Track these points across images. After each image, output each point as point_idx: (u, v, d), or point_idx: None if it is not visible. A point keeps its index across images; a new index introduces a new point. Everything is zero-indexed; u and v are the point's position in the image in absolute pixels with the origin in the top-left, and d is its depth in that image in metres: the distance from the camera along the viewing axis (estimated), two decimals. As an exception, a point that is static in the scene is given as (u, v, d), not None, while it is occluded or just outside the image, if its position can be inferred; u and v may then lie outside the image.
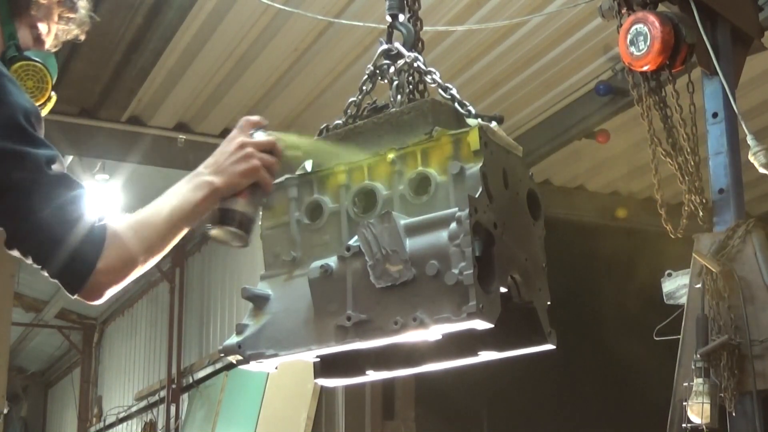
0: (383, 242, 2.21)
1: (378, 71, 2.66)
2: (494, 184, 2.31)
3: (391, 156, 2.37)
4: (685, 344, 4.26)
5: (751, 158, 4.33)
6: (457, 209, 2.20)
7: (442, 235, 2.18)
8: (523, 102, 7.42)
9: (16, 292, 11.18)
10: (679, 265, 4.53)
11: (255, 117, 2.22)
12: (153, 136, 7.75)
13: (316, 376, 2.59)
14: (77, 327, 14.84)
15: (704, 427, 4.00)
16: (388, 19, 2.71)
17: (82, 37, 2.36)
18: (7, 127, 1.89)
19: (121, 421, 13.11)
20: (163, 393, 11.13)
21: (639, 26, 4.21)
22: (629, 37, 4.24)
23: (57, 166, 1.92)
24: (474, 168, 2.26)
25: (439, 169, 2.31)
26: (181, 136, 7.73)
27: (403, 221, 2.25)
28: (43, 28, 2.27)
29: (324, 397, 7.88)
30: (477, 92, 7.07)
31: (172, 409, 10.93)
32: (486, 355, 2.48)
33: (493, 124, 2.40)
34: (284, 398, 8.35)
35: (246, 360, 2.39)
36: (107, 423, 13.57)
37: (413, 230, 2.23)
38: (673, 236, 4.35)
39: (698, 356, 4.07)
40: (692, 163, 4.33)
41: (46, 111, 2.28)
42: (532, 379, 7.76)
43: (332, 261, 2.29)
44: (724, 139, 4.40)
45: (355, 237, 2.28)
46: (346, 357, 2.49)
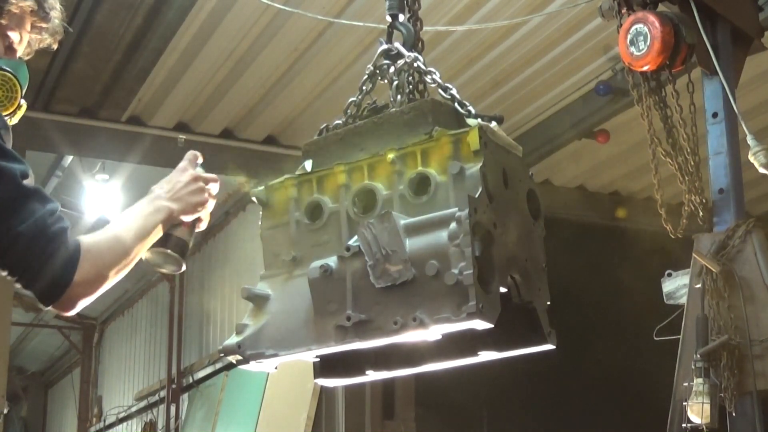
0: (383, 242, 2.22)
1: (378, 71, 2.66)
2: (494, 184, 2.31)
3: (391, 156, 2.37)
4: (685, 344, 4.25)
5: (751, 158, 4.33)
6: (456, 209, 2.20)
7: (442, 235, 2.18)
8: (523, 102, 7.41)
9: (16, 292, 11.14)
10: (679, 265, 4.52)
11: (198, 153, 2.31)
12: (153, 136, 7.75)
13: (316, 376, 2.59)
14: (77, 327, 14.83)
15: (704, 427, 4.00)
16: (388, 19, 2.72)
17: (55, 46, 2.40)
18: None
19: (121, 421, 13.11)
20: (163, 393, 11.13)
21: (639, 26, 4.21)
22: (629, 37, 4.23)
23: (29, 181, 1.98)
24: (474, 168, 2.26)
25: (439, 169, 2.31)
26: (181, 136, 7.73)
27: (403, 221, 2.25)
28: (14, 36, 2.28)
29: (324, 397, 7.88)
30: (477, 92, 7.06)
31: (172, 409, 10.93)
32: (486, 355, 2.48)
33: (493, 124, 2.40)
34: (284, 398, 8.35)
35: (246, 360, 2.40)
36: (107, 423, 13.57)
37: (413, 230, 2.23)
38: (673, 236, 4.34)
39: (698, 356, 4.07)
40: (692, 163, 4.32)
41: (15, 119, 2.30)
42: (532, 379, 7.76)
43: (332, 261, 2.29)
44: (724, 139, 4.40)
45: (355, 237, 2.29)
46: (346, 357, 2.49)
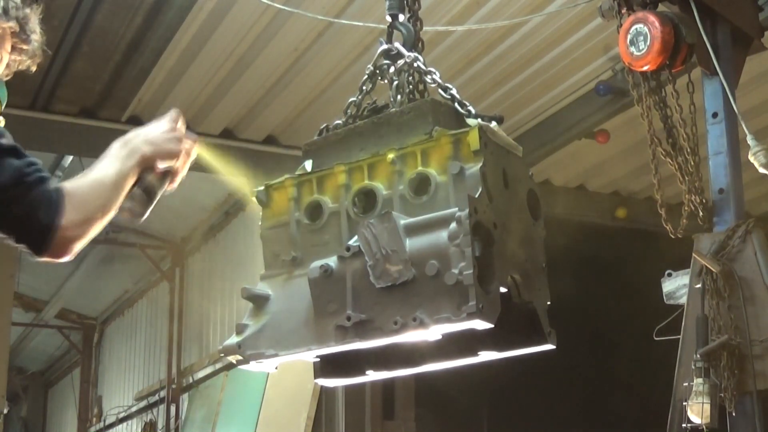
0: (383, 242, 2.21)
1: (378, 71, 2.66)
2: (494, 184, 2.31)
3: (391, 156, 2.37)
4: (685, 344, 4.26)
5: (751, 158, 4.33)
6: (457, 209, 2.20)
7: (442, 235, 2.18)
8: (523, 102, 7.41)
9: (16, 292, 11.17)
10: (679, 265, 4.53)
11: (180, 112, 2.31)
12: (153, 136, 7.74)
13: (316, 376, 2.59)
14: (77, 327, 14.83)
15: (704, 427, 4.00)
16: (388, 19, 2.71)
17: (33, 68, 2.43)
18: None
19: (121, 421, 13.11)
20: (163, 393, 11.13)
21: (639, 26, 4.21)
22: (629, 37, 4.24)
23: (5, 140, 2.01)
24: (474, 168, 2.26)
25: (439, 169, 2.31)
26: (181, 136, 7.72)
27: (403, 221, 2.25)
28: None
29: (324, 397, 7.88)
30: (477, 92, 7.06)
31: (172, 409, 10.93)
32: (486, 355, 2.48)
33: (493, 124, 2.40)
34: (284, 398, 8.35)
35: (246, 360, 2.40)
36: (107, 423, 13.57)
37: (413, 230, 2.23)
38: (673, 236, 4.34)
39: (698, 356, 4.07)
40: (692, 163, 4.33)
41: None
42: (532, 379, 7.75)
43: (332, 261, 2.29)
44: (724, 139, 4.40)
45: (355, 237, 2.28)
46: (346, 357, 2.49)
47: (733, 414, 4.06)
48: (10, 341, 9.53)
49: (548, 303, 2.49)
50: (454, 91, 2.53)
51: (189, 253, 11.09)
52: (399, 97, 2.59)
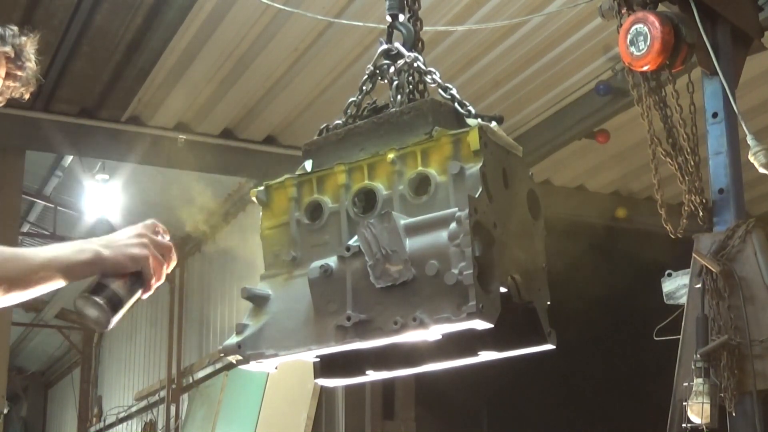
0: (383, 242, 2.21)
1: (378, 71, 2.66)
2: (494, 184, 2.31)
3: (391, 156, 2.37)
4: (685, 344, 4.26)
5: (751, 158, 4.33)
6: (456, 209, 2.20)
7: (442, 235, 2.18)
8: (523, 102, 7.42)
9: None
10: (679, 265, 4.53)
11: (157, 223, 2.18)
12: (153, 136, 7.76)
13: (316, 376, 2.58)
14: (77, 327, 14.81)
15: (704, 427, 4.00)
16: (388, 19, 2.71)
17: (26, 96, 2.39)
18: None
19: (121, 421, 13.11)
20: (163, 393, 11.13)
21: (639, 26, 4.21)
22: (629, 37, 4.24)
23: None
24: (474, 168, 2.25)
25: (439, 169, 2.31)
26: (181, 136, 7.74)
27: (403, 221, 2.25)
28: None
29: (324, 397, 7.88)
30: (477, 92, 7.07)
31: (172, 409, 10.93)
32: (486, 355, 2.48)
33: (493, 124, 2.40)
34: (284, 398, 8.36)
35: (246, 360, 2.39)
36: (107, 423, 13.57)
37: (413, 230, 2.23)
38: (673, 236, 4.34)
39: (698, 356, 4.07)
40: (692, 163, 4.33)
41: None
42: (532, 379, 7.76)
43: (332, 261, 2.29)
44: (724, 139, 4.41)
45: (355, 237, 2.28)
46: (346, 357, 2.49)
47: (733, 414, 4.06)
48: (10, 341, 9.53)
49: (548, 303, 2.49)
50: (454, 91, 2.52)
51: (189, 253, 11.09)
52: (399, 97, 2.58)
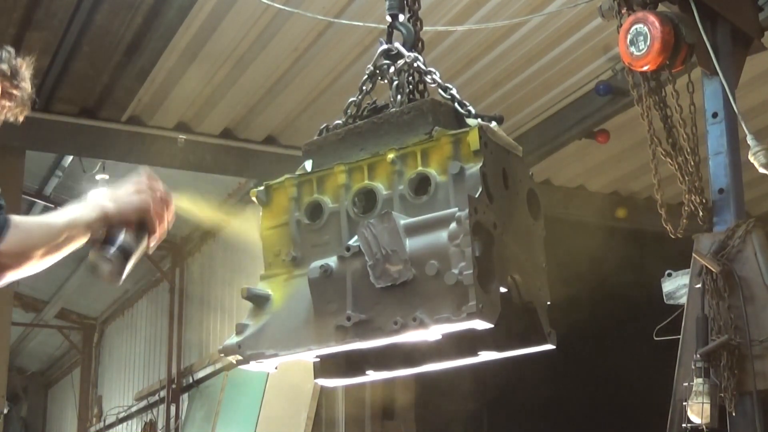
0: (383, 242, 2.21)
1: (378, 71, 2.66)
2: (494, 184, 2.31)
3: (391, 156, 2.37)
4: (685, 344, 4.25)
5: (751, 158, 4.33)
6: (456, 209, 2.20)
7: (442, 235, 2.18)
8: (523, 102, 7.41)
9: (16, 292, 11.18)
10: (679, 265, 4.52)
11: (150, 172, 2.32)
12: (153, 136, 7.75)
13: (316, 376, 2.59)
14: (77, 327, 14.83)
15: (704, 427, 4.00)
16: (388, 19, 2.71)
17: (21, 119, 2.45)
18: None
19: (121, 421, 13.11)
20: (163, 393, 11.13)
21: (639, 26, 4.21)
22: (629, 37, 4.23)
23: None
24: (474, 168, 2.26)
25: (439, 169, 2.31)
26: (181, 136, 7.74)
27: (403, 221, 2.25)
28: None
29: (324, 397, 7.88)
30: (477, 92, 7.06)
31: (172, 409, 10.93)
32: (486, 355, 2.48)
33: (493, 124, 2.40)
34: (284, 398, 8.35)
35: (246, 360, 2.39)
36: (107, 423, 13.57)
37: (413, 230, 2.23)
38: (673, 236, 4.34)
39: (698, 356, 4.07)
40: (692, 163, 4.33)
41: None
42: (532, 379, 7.76)
43: (332, 261, 2.29)
44: (724, 139, 4.40)
45: (355, 237, 2.28)
46: (346, 357, 2.49)
47: (733, 414, 4.05)
48: (10, 341, 9.53)
49: (548, 303, 2.49)
50: (454, 91, 2.53)
51: (189, 253, 11.09)
52: (399, 97, 2.59)
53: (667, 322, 4.67)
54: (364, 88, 2.65)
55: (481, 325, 2.15)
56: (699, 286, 4.22)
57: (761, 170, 4.34)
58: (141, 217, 2.19)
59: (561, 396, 8.74)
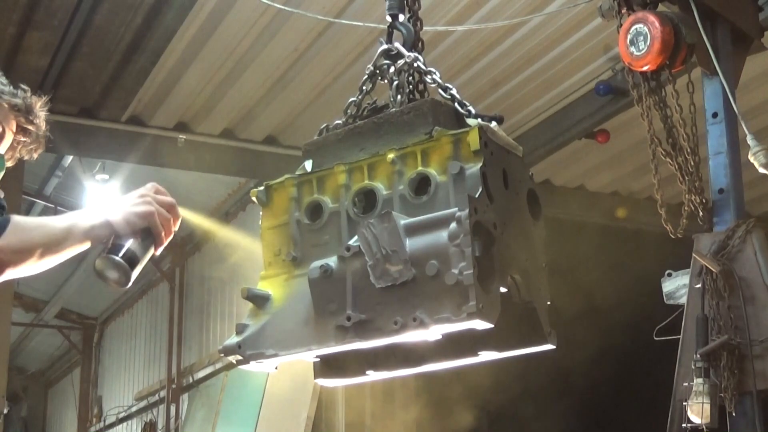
0: (383, 242, 2.21)
1: (378, 71, 2.66)
2: (494, 184, 2.31)
3: (391, 156, 2.37)
4: (685, 344, 4.26)
5: (751, 158, 4.33)
6: (457, 209, 2.20)
7: (442, 235, 2.18)
8: (523, 102, 7.42)
9: (16, 292, 11.17)
10: (679, 265, 4.53)
11: (156, 185, 2.33)
12: (153, 136, 7.76)
13: (316, 376, 2.59)
14: (77, 327, 14.83)
15: (704, 427, 4.00)
16: (388, 19, 2.71)
17: (35, 156, 2.54)
18: None
19: (121, 421, 13.12)
20: (163, 393, 11.13)
21: (639, 26, 4.21)
22: (629, 37, 4.24)
23: None
24: (474, 168, 2.25)
25: (439, 169, 2.31)
26: (181, 136, 7.74)
27: (403, 221, 2.25)
28: None
29: (324, 397, 7.88)
30: (477, 92, 7.06)
31: (172, 409, 10.93)
32: (486, 355, 2.48)
33: (493, 124, 2.40)
34: (284, 398, 8.35)
35: (246, 360, 2.39)
36: (107, 423, 13.57)
37: (413, 230, 2.23)
38: (673, 236, 4.34)
39: (698, 356, 4.07)
40: (692, 163, 4.33)
41: None
42: (532, 378, 7.76)
43: (332, 261, 2.29)
44: (724, 139, 4.40)
45: (355, 237, 2.28)
46: (346, 357, 2.49)
47: (733, 414, 4.06)
48: (10, 341, 9.53)
49: (548, 303, 2.49)
50: (454, 91, 2.52)
51: (189, 253, 11.09)
52: (399, 97, 2.58)
53: (667, 322, 4.67)
54: (364, 88, 2.65)
55: (481, 325, 2.15)
56: (699, 286, 4.22)
57: (761, 170, 4.34)
58: (146, 226, 2.21)
59: (561, 396, 8.74)
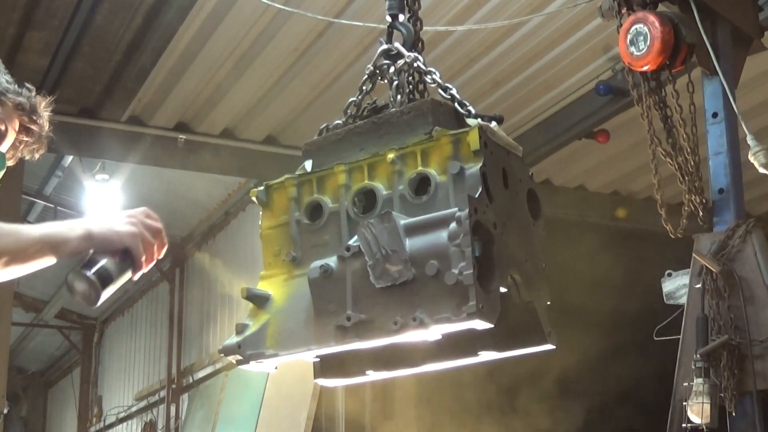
0: (383, 242, 2.21)
1: (378, 71, 2.66)
2: (494, 184, 2.31)
3: (391, 156, 2.37)
4: (685, 344, 4.26)
5: (751, 158, 4.33)
6: (456, 209, 2.20)
7: (442, 235, 2.18)
8: (523, 102, 7.42)
9: (16, 292, 11.17)
10: (679, 265, 4.53)
11: (149, 211, 2.26)
12: (153, 136, 7.76)
13: (316, 376, 2.58)
14: (77, 327, 14.83)
15: (704, 427, 4.00)
16: (388, 19, 2.71)
17: (37, 156, 2.48)
18: None
19: (121, 421, 13.12)
20: (163, 393, 11.13)
21: (639, 26, 4.21)
22: (629, 37, 4.23)
23: None
24: (474, 168, 2.25)
25: (439, 169, 2.31)
26: (181, 136, 7.74)
27: (403, 221, 2.25)
28: (0, 126, 2.33)
29: (324, 397, 7.88)
30: (477, 92, 7.07)
31: (172, 409, 10.93)
32: (486, 355, 2.48)
33: (493, 124, 2.40)
34: (284, 398, 8.35)
35: (246, 360, 2.39)
36: (107, 423, 13.57)
37: (413, 230, 2.23)
38: (673, 236, 4.34)
39: (698, 356, 4.07)
40: (692, 163, 4.33)
41: None
42: (532, 378, 7.76)
43: (332, 261, 2.29)
44: (724, 139, 4.40)
45: (355, 237, 2.28)
46: (346, 357, 2.49)
47: (733, 414, 4.06)
48: (10, 341, 9.54)
49: (548, 303, 2.49)
50: (454, 91, 2.52)
51: (189, 253, 11.09)
52: (399, 97, 2.58)
53: (667, 322, 4.67)
54: (364, 88, 2.65)
55: (481, 325, 2.15)
56: (699, 286, 4.22)
57: (761, 170, 4.34)
58: (127, 248, 2.13)
59: (562, 396, 8.74)
